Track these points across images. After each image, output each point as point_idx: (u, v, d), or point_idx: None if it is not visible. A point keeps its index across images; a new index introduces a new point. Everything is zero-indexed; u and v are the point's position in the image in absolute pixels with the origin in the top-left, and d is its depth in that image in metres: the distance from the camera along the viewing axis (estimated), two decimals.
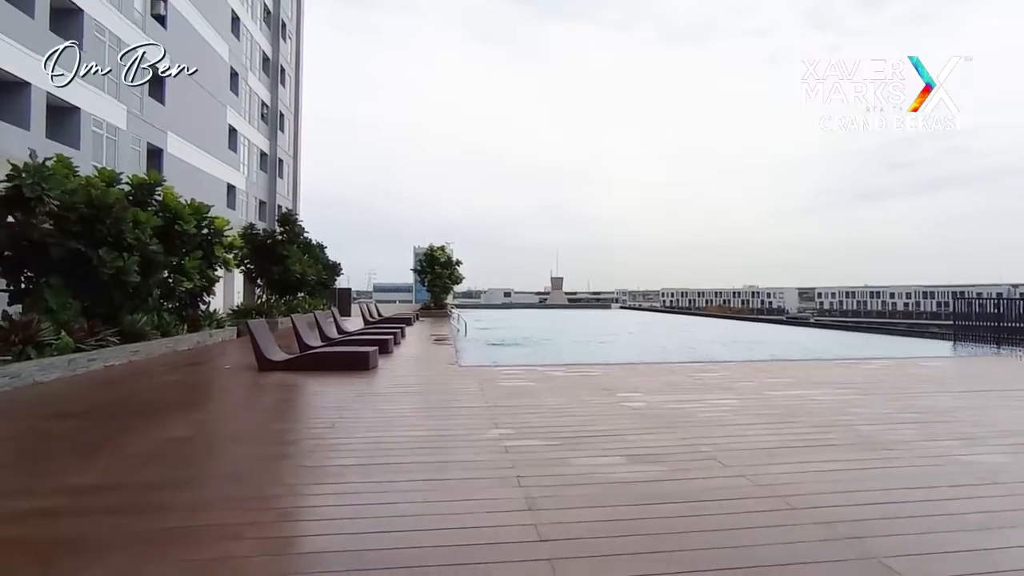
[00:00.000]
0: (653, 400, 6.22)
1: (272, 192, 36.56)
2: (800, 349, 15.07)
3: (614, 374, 8.24)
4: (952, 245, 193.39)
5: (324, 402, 6.53)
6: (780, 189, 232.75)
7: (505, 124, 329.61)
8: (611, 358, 11.69)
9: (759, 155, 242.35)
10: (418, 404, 6.41)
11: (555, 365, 9.45)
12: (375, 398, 6.60)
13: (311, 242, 24.01)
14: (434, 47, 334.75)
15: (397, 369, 9.03)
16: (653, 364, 9.60)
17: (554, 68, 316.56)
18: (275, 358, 8.75)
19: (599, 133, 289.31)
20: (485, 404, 6.00)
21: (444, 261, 27.89)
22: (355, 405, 6.07)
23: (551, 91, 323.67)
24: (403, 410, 5.94)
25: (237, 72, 30.19)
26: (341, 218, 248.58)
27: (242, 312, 18.26)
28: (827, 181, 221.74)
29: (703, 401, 6.20)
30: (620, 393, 6.62)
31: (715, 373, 8.30)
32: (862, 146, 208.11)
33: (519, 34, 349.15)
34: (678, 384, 7.32)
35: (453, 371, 8.68)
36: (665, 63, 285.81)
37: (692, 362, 10.26)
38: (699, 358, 11.88)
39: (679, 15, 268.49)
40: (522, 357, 11.90)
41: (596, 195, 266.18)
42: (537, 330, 22.40)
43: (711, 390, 6.91)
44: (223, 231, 13.42)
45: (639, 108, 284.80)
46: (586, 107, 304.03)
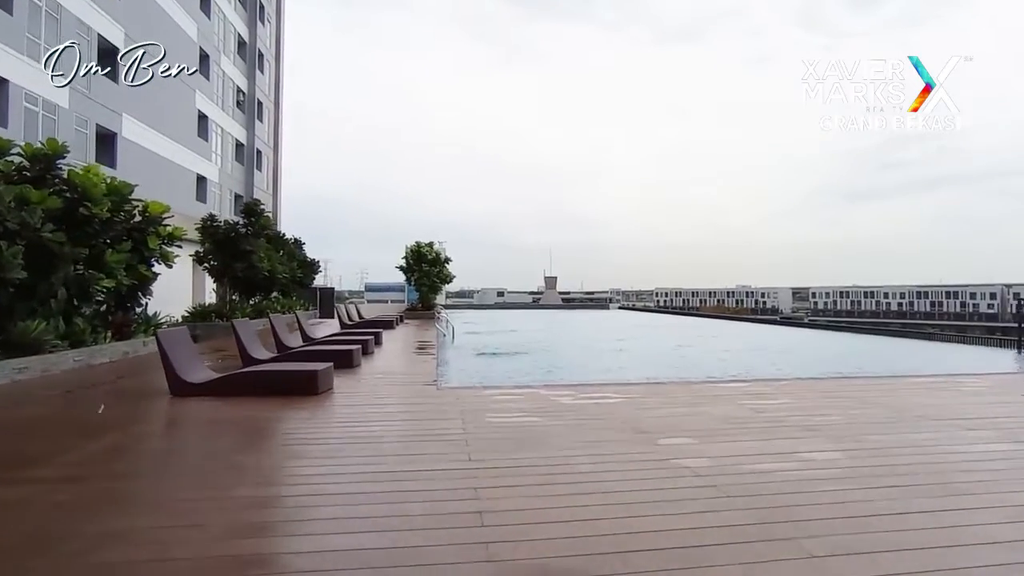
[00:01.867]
0: (714, 453, 4.17)
1: (250, 185, 34.27)
2: (837, 358, 13.19)
3: (642, 400, 6.20)
4: (944, 245, 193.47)
5: (208, 464, 4.42)
6: (773, 189, 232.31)
7: (500, 123, 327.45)
8: (628, 371, 9.70)
9: (752, 155, 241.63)
10: (361, 472, 4.29)
11: (560, 386, 7.40)
12: (293, 461, 4.51)
13: (284, 236, 21.82)
14: (429, 45, 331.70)
15: (355, 393, 6.94)
16: (687, 383, 7.56)
17: (549, 67, 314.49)
18: (193, 379, 6.63)
19: (593, 133, 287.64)
20: (467, 465, 3.92)
21: (432, 258, 25.73)
22: (251, 475, 3.99)
23: (546, 90, 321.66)
24: (327, 491, 3.76)
25: (208, 54, 27.91)
26: (335, 217, 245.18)
27: (199, 314, 16.10)
28: (820, 181, 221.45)
29: (789, 456, 4.17)
30: (662, 440, 4.57)
31: (773, 399, 6.28)
32: (855, 146, 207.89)
33: (514, 33, 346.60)
34: (736, 420, 5.28)
35: (429, 397, 6.60)
36: (659, 63, 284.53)
37: (733, 380, 8.23)
38: (738, 372, 9.90)
39: (673, 15, 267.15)
40: (519, 372, 9.85)
41: (590, 195, 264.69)
42: (534, 334, 20.34)
43: (789, 431, 4.89)
44: (161, 218, 11.24)
45: (633, 108, 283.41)
46: (580, 107, 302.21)
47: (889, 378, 8.12)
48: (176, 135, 24.57)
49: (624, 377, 9.02)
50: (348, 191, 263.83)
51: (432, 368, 8.98)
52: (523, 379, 8.80)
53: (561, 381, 8.29)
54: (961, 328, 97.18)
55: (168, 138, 23.81)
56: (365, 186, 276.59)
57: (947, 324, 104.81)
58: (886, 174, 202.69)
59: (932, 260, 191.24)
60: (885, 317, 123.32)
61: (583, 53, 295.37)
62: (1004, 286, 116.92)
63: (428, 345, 13.02)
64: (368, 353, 10.82)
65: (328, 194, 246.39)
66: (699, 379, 8.50)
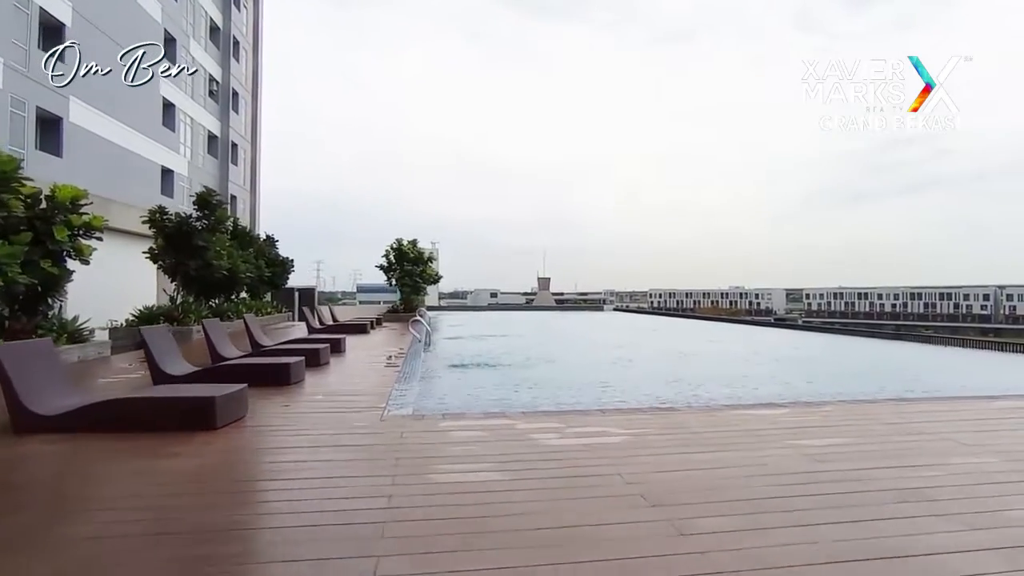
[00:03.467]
0: (779, 560, 2.49)
1: (224, 180, 32.38)
2: (872, 368, 11.59)
3: (652, 440, 4.52)
4: (937, 247, 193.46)
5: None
6: (768, 190, 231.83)
7: (495, 124, 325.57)
8: (630, 387, 8.01)
9: (748, 156, 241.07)
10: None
11: (544, 414, 5.71)
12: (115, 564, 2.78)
13: (250, 232, 20.00)
14: (424, 47, 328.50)
15: (266, 428, 5.22)
16: (708, 410, 5.85)
17: (543, 68, 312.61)
18: (46, 411, 4.90)
19: (588, 134, 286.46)
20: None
21: (414, 257, 23.92)
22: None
23: (540, 92, 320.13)
24: None
25: (175, 37, 26.04)
26: (331, 217, 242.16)
27: (145, 318, 14.31)
28: (815, 182, 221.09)
29: (908, 558, 2.50)
30: (688, 521, 2.89)
31: (828, 435, 4.62)
32: (849, 148, 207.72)
33: (508, 33, 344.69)
34: (792, 476, 3.59)
35: (364, 433, 4.89)
36: (655, 63, 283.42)
37: (764, 405, 6.53)
38: (758, 386, 8.24)
39: (669, 16, 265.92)
40: (497, 390, 8.14)
41: (585, 195, 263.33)
42: (522, 340, 18.62)
43: (879, 501, 3.21)
44: (75, 205, 9.48)
45: (628, 108, 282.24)
46: (575, 107, 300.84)
47: (964, 400, 6.46)
48: (137, 123, 22.71)
49: (626, 397, 7.32)
50: (343, 192, 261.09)
51: (388, 386, 7.27)
52: (501, 400, 7.09)
53: (547, 405, 6.59)
54: (954, 329, 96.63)
55: (126, 126, 21.95)
56: (360, 187, 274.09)
57: (941, 326, 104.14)
58: (880, 176, 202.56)
59: (926, 262, 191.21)
60: (879, 318, 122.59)
61: (579, 53, 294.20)
62: (997, 287, 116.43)
63: (397, 354, 11.31)
64: (319, 365, 9.12)
65: (323, 195, 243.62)
66: (720, 401, 6.83)
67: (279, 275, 22.54)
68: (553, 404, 6.61)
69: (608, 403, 6.69)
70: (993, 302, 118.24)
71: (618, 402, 6.79)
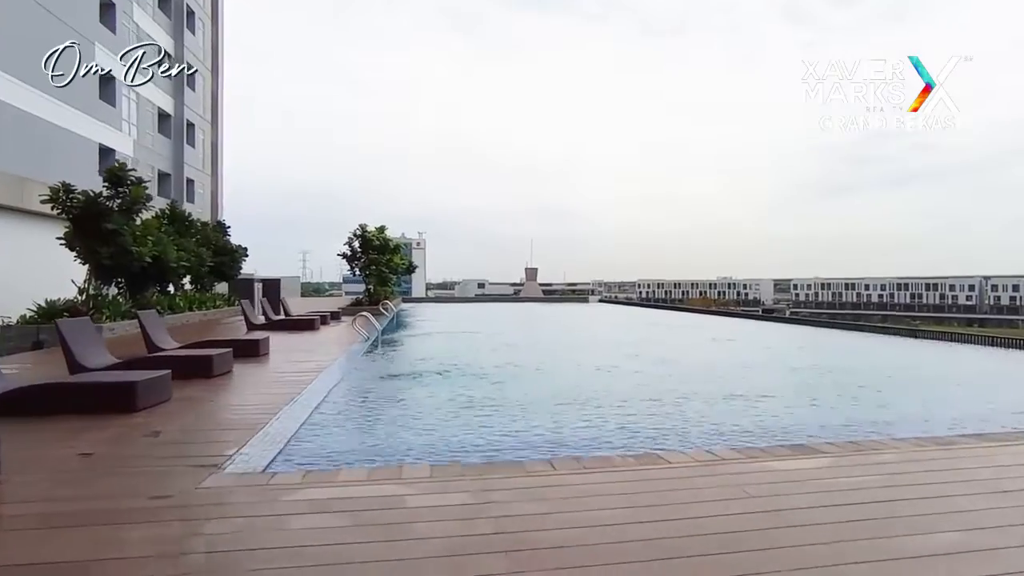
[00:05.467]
0: None
1: (179, 162, 29.93)
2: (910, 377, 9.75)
3: (620, 527, 2.58)
4: (922, 238, 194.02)
5: None
6: (757, 182, 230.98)
7: (484, 116, 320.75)
8: (610, 411, 6.04)
9: (736, 148, 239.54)
10: None
11: (465, 469, 3.74)
12: None
13: (184, 214, 17.73)
14: (410, 37, 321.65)
15: (26, 485, 3.20)
16: (751, 455, 3.89)
17: (530, 59, 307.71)
18: None
19: (577, 125, 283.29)
20: None
21: (380, 244, 21.72)
22: None
23: (529, 81, 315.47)
24: None
25: (113, 2, 23.51)
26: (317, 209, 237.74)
27: (47, 314, 12.17)
28: (801, 174, 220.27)
29: None
30: None
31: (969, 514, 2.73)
32: (837, 141, 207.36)
33: (495, 24, 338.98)
34: None
35: (162, 506, 2.89)
36: (642, 56, 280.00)
37: (824, 448, 4.62)
38: (801, 405, 6.34)
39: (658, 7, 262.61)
40: (426, 416, 6.13)
41: (573, 187, 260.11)
42: (493, 338, 16.60)
43: None
44: None
45: (617, 100, 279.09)
46: (563, 98, 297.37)
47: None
48: (68, 96, 20.24)
49: (603, 428, 5.34)
50: (333, 183, 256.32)
51: (274, 409, 5.26)
52: (423, 438, 5.10)
53: (483, 447, 4.63)
54: (940, 320, 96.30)
55: (54, 99, 19.51)
56: (349, 178, 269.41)
57: (927, 316, 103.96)
58: (867, 168, 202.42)
59: (912, 253, 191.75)
60: (866, 309, 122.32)
61: (566, 44, 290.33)
62: (983, 278, 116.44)
63: (326, 359, 9.29)
64: (209, 376, 7.12)
65: (313, 186, 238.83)
66: (723, 439, 4.90)
67: (227, 265, 20.30)
68: (496, 442, 4.65)
69: (574, 442, 4.75)
70: (978, 293, 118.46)
71: (588, 441, 4.84)
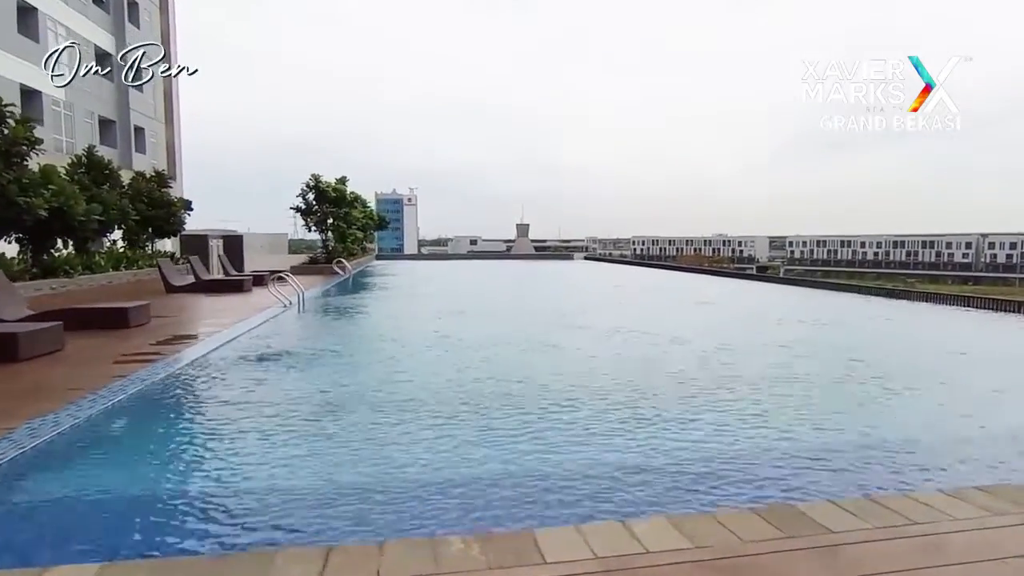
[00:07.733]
0: None
1: (124, 108, 27.29)
2: None
3: None
4: (919, 195, 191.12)
5: None
6: (753, 137, 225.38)
7: (474, 70, 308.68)
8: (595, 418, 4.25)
9: (732, 103, 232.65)
10: None
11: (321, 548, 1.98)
12: None
13: (104, 162, 15.54)
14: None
15: None
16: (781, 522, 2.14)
17: (524, 10, 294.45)
18: None
19: (571, 79, 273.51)
20: None
21: (336, 197, 19.58)
22: None
23: (520, 35, 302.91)
24: None
25: None
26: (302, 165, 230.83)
27: None
28: (799, 129, 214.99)
29: None
30: None
31: None
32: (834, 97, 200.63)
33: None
34: None
35: None
36: (639, 7, 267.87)
37: (955, 496, 2.85)
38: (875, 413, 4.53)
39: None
40: (279, 448, 4.30)
41: (567, 142, 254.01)
42: (457, 300, 14.71)
43: None
44: None
45: (612, 54, 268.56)
46: (557, 52, 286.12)
47: None
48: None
49: (576, 463, 3.48)
50: (325, 139, 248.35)
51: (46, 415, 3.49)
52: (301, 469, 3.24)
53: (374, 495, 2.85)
54: (935, 278, 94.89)
55: None
56: (341, 134, 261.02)
57: (922, 274, 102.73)
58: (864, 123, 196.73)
59: (909, 209, 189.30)
60: (861, 267, 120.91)
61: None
62: (980, 235, 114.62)
63: (209, 332, 7.49)
64: (17, 360, 5.33)
65: (303, 141, 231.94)
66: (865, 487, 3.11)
67: (163, 219, 18.23)
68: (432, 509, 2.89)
69: (528, 489, 2.98)
70: (975, 250, 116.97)
71: (563, 484, 3.06)
